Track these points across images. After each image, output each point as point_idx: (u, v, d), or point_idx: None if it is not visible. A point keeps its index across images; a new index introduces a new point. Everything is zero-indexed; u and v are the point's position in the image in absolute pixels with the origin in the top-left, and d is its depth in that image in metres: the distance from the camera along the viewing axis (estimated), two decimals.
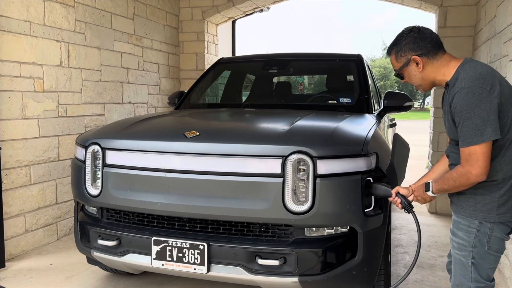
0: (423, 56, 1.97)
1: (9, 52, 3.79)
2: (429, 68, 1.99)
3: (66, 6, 4.42)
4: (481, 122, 1.76)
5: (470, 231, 1.93)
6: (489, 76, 1.83)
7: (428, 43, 1.97)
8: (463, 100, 1.79)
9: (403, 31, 2.05)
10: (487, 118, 1.76)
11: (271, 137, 2.50)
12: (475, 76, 1.82)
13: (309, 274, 2.30)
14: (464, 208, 1.95)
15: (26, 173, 4.00)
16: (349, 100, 3.81)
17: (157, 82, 6.30)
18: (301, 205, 2.27)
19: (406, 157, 3.60)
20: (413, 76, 2.04)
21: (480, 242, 1.91)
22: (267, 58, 4.47)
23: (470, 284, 1.96)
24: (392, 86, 46.31)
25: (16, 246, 3.93)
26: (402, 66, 2.04)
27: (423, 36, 1.99)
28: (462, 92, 1.80)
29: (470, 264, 1.94)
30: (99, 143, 2.71)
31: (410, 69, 2.03)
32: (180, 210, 2.45)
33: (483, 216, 1.90)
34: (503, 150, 1.86)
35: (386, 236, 2.64)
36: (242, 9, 7.08)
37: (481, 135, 1.76)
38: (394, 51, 2.06)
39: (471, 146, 1.79)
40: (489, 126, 1.76)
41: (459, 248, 1.98)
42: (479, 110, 1.77)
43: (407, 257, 3.97)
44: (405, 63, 2.02)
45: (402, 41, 2.02)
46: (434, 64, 1.98)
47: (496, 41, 4.10)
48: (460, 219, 1.97)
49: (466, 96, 1.79)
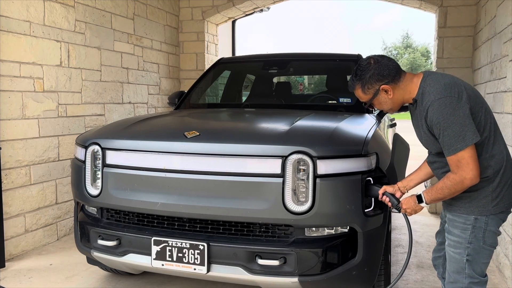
0: (391, 83, 2.02)
1: (9, 52, 3.79)
2: (397, 92, 2.04)
3: (66, 6, 4.42)
4: (460, 128, 1.83)
5: (466, 227, 1.98)
6: (453, 85, 1.90)
7: (391, 70, 2.02)
8: (437, 111, 1.85)
9: (360, 63, 2.08)
10: (464, 123, 1.83)
11: (271, 137, 2.50)
12: (441, 87, 1.88)
13: (309, 274, 2.30)
14: (459, 206, 2.00)
15: (26, 173, 4.00)
16: (349, 100, 3.81)
17: (157, 82, 6.30)
18: (301, 205, 2.27)
19: (406, 157, 3.59)
20: (383, 103, 2.09)
21: (476, 237, 1.96)
22: (267, 58, 4.47)
23: (464, 280, 2.00)
24: None
25: (16, 246, 3.93)
26: (372, 98, 2.07)
27: (384, 64, 2.02)
28: (434, 104, 1.86)
29: (465, 261, 1.99)
30: (99, 143, 2.71)
31: (380, 98, 2.07)
32: (180, 210, 2.45)
33: (479, 211, 1.95)
34: (485, 147, 1.94)
35: (386, 236, 2.64)
36: (242, 9, 7.08)
37: (463, 140, 1.83)
38: (359, 85, 2.08)
39: (458, 153, 1.84)
40: (468, 130, 1.83)
41: (455, 245, 2.02)
42: (454, 118, 1.83)
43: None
44: (374, 94, 2.05)
45: (366, 74, 2.04)
46: (400, 87, 2.03)
47: (496, 41, 4.10)
48: (455, 217, 2.02)
49: (439, 107, 1.85)
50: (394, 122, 4.76)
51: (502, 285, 3.36)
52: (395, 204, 2.25)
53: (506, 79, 3.54)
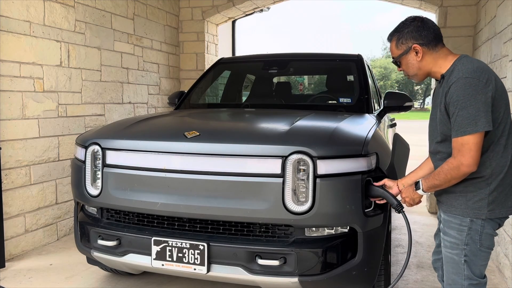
0: (424, 46, 1.99)
1: (9, 52, 3.79)
2: (427, 58, 2.01)
3: (66, 6, 4.42)
4: (476, 112, 1.79)
5: (461, 229, 1.95)
6: (485, 70, 1.86)
7: (430, 34, 1.99)
8: (460, 89, 1.81)
9: (407, 19, 2.06)
10: (482, 109, 1.80)
11: (271, 137, 2.50)
12: (473, 69, 1.85)
13: (309, 274, 2.30)
14: (455, 206, 1.97)
15: (26, 173, 4.00)
16: (349, 100, 3.81)
17: (157, 82, 6.30)
18: (301, 205, 2.27)
19: (406, 157, 3.60)
20: (410, 64, 2.05)
21: (472, 240, 1.94)
22: (267, 58, 4.47)
23: (464, 282, 1.98)
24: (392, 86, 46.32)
25: (16, 246, 3.93)
26: (402, 54, 2.05)
27: (426, 26, 2.00)
28: (459, 82, 1.83)
29: (463, 262, 1.96)
30: (99, 143, 2.71)
31: (408, 58, 2.04)
32: (180, 210, 2.45)
33: (474, 213, 1.92)
34: (493, 145, 1.90)
35: (386, 236, 2.64)
36: (242, 9, 7.08)
37: (475, 125, 1.79)
38: (395, 38, 2.07)
39: (464, 136, 1.81)
40: (483, 117, 1.80)
41: (452, 246, 1.99)
42: (474, 101, 1.79)
43: None
44: (405, 51, 2.03)
45: (405, 29, 2.03)
46: (432, 55, 2.00)
47: (496, 41, 4.10)
48: (451, 218, 1.99)
49: (463, 86, 1.81)
50: (394, 122, 4.76)
51: (502, 285, 3.36)
52: (395, 204, 2.26)
53: (506, 79, 3.54)
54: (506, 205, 1.94)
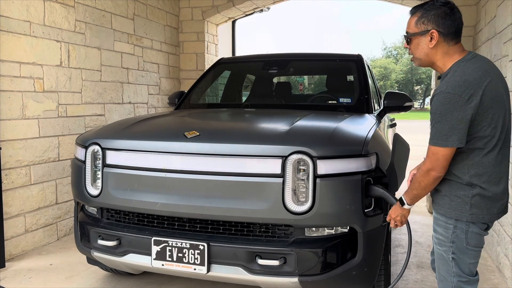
0: (441, 36, 1.93)
1: (9, 52, 3.79)
2: (439, 49, 1.95)
3: (66, 6, 4.42)
4: (449, 129, 1.81)
5: (447, 227, 1.97)
6: (473, 84, 1.82)
7: (453, 26, 1.93)
8: (439, 103, 1.83)
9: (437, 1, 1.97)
10: (456, 126, 1.81)
11: (271, 137, 2.50)
12: (459, 83, 1.82)
13: (309, 274, 2.30)
14: (441, 205, 1.99)
15: (26, 173, 4.00)
16: (349, 100, 3.81)
17: (157, 82, 6.30)
18: (301, 205, 2.27)
19: (406, 157, 3.59)
20: (420, 47, 1.98)
21: (458, 238, 1.94)
22: (267, 58, 4.47)
23: (453, 279, 1.99)
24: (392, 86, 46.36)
25: (16, 246, 3.93)
26: (417, 33, 1.97)
27: (453, 16, 1.93)
28: (440, 96, 1.83)
29: (451, 259, 1.97)
30: (99, 143, 2.71)
31: (421, 40, 1.97)
32: (180, 210, 2.45)
33: (456, 214, 1.94)
34: (472, 154, 1.89)
35: (386, 236, 2.65)
36: (242, 9, 7.08)
37: (446, 140, 1.83)
38: (418, 14, 1.97)
39: (435, 146, 1.86)
40: (456, 134, 1.81)
41: (440, 243, 2.02)
42: (450, 117, 1.80)
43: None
44: (422, 32, 1.95)
45: (433, 10, 1.94)
46: (444, 48, 1.95)
47: (496, 41, 4.10)
48: (438, 216, 2.02)
49: (443, 100, 1.82)
50: (394, 122, 4.76)
51: (502, 285, 3.36)
52: (395, 204, 2.25)
53: (506, 79, 3.54)
54: (491, 211, 1.92)
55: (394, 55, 51.43)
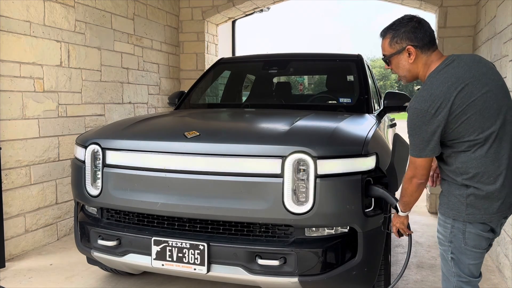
0: (418, 49, 1.96)
1: (9, 52, 3.79)
2: (419, 61, 1.98)
3: (66, 6, 4.42)
4: (421, 142, 1.87)
5: (446, 226, 1.98)
6: (439, 97, 1.82)
7: (426, 37, 1.96)
8: (409, 119, 1.89)
9: (403, 17, 2.02)
10: (427, 138, 1.86)
11: (271, 137, 2.50)
12: (425, 97, 1.84)
13: (309, 274, 2.30)
14: (441, 205, 2.02)
15: (26, 173, 4.00)
16: (349, 100, 3.81)
17: (157, 82, 6.30)
18: (301, 205, 2.27)
19: (406, 157, 3.59)
20: (401, 65, 2.02)
21: (456, 238, 1.94)
22: (267, 58, 4.47)
23: (453, 278, 1.99)
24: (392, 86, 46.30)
25: (16, 246, 3.93)
26: (394, 53, 2.01)
27: (422, 28, 1.97)
28: (410, 111, 1.89)
29: (450, 259, 1.98)
30: (99, 143, 2.71)
31: (400, 58, 2.00)
32: (180, 210, 2.45)
33: (453, 214, 1.94)
34: (459, 158, 1.89)
35: (386, 236, 2.65)
36: (242, 9, 7.08)
37: (420, 152, 1.90)
38: (389, 35, 2.01)
39: (412, 157, 1.94)
40: (428, 146, 1.87)
41: (440, 243, 2.04)
42: (420, 131, 1.86)
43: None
44: (399, 50, 1.99)
45: (401, 28, 1.98)
46: (423, 59, 1.98)
47: (496, 41, 4.10)
48: (439, 215, 2.05)
49: (412, 115, 1.88)
50: (394, 122, 4.76)
51: (502, 285, 3.36)
52: (395, 204, 2.26)
53: (506, 79, 3.54)
54: (489, 211, 1.89)
55: None
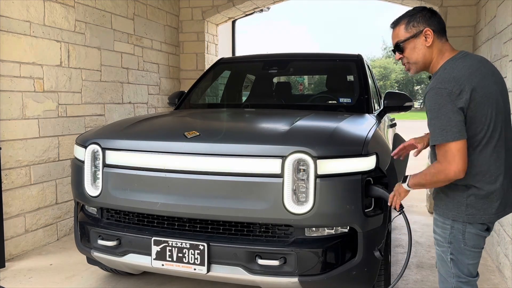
0: (435, 33, 1.97)
1: (9, 52, 3.79)
2: (434, 47, 1.97)
3: (66, 6, 4.42)
4: (447, 122, 1.80)
5: (445, 227, 1.97)
6: (462, 80, 1.82)
7: (440, 24, 2.00)
8: (432, 99, 1.84)
9: (415, 8, 2.04)
10: (454, 118, 1.79)
11: (271, 137, 2.50)
12: (448, 79, 1.83)
13: (309, 274, 2.30)
14: (438, 206, 2.00)
15: (26, 173, 4.00)
16: (349, 100, 3.81)
17: (157, 82, 6.30)
18: (301, 205, 2.27)
19: (406, 157, 3.59)
20: (417, 49, 1.99)
21: (455, 238, 1.94)
22: (267, 58, 4.47)
23: (452, 279, 1.98)
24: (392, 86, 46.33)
25: (16, 246, 3.93)
26: (411, 36, 1.98)
27: (435, 16, 2.01)
28: (432, 92, 1.85)
29: (449, 260, 1.97)
30: (99, 143, 2.71)
31: (416, 42, 1.98)
32: (180, 210, 2.45)
33: (453, 215, 1.93)
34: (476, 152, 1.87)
35: (386, 236, 2.64)
36: (242, 9, 7.08)
37: (445, 135, 1.80)
38: (405, 21, 2.01)
39: (446, 143, 1.81)
40: (455, 127, 1.79)
41: (438, 244, 2.02)
42: (446, 110, 1.80)
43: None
44: (416, 34, 1.97)
45: (417, 13, 1.99)
46: (438, 46, 1.98)
47: (496, 41, 4.10)
48: (436, 216, 2.02)
49: (434, 95, 1.83)
50: (394, 122, 4.76)
51: (502, 285, 3.36)
52: None
53: (506, 79, 3.54)
54: (489, 211, 1.90)
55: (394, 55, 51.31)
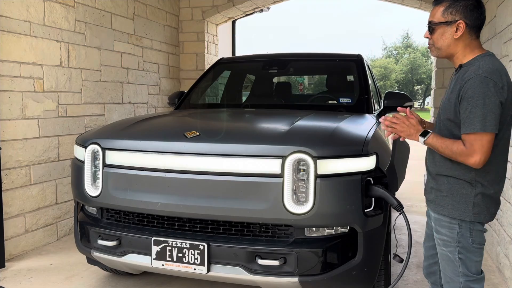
0: (468, 27, 1.92)
1: (9, 52, 3.79)
2: (461, 40, 1.94)
3: (66, 6, 4.42)
4: (488, 113, 1.77)
5: (452, 227, 1.96)
6: (504, 75, 1.84)
7: (479, 20, 1.94)
8: (476, 87, 1.79)
9: None
10: (493, 111, 1.78)
11: (271, 137, 2.50)
12: (493, 70, 1.82)
13: (309, 274, 2.30)
14: (443, 206, 1.98)
15: (26, 173, 4.00)
16: (349, 100, 3.81)
17: (157, 82, 6.30)
18: (301, 205, 2.27)
19: (406, 157, 3.60)
20: (444, 37, 1.95)
21: (464, 237, 1.94)
22: (267, 58, 4.47)
23: (460, 279, 1.98)
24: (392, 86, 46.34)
25: (16, 246, 3.93)
26: (444, 22, 1.94)
27: (479, 10, 1.93)
28: (477, 79, 1.79)
29: (458, 259, 1.97)
30: (99, 143, 2.71)
31: (446, 30, 1.94)
32: (180, 210, 2.45)
33: (460, 214, 1.93)
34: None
35: (386, 236, 2.64)
36: (242, 9, 7.08)
37: (484, 125, 1.78)
38: (446, 4, 1.94)
39: (478, 133, 1.78)
40: (495, 119, 1.78)
41: (445, 244, 2.00)
42: (488, 101, 1.77)
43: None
44: (449, 22, 1.93)
45: (461, 1, 1.92)
46: (467, 41, 1.94)
47: (496, 41, 4.10)
48: (440, 217, 2.00)
49: (480, 84, 1.78)
50: None
51: (502, 285, 3.36)
52: (395, 204, 2.27)
53: None
54: (490, 211, 1.94)
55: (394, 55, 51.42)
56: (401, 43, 50.75)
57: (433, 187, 2.03)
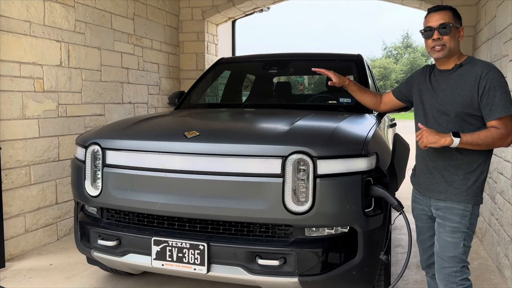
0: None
1: (9, 52, 3.79)
2: (459, 44, 2.24)
3: (66, 6, 4.42)
4: (510, 97, 2.04)
5: (465, 214, 2.11)
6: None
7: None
8: (499, 76, 2.05)
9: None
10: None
11: (271, 137, 2.50)
12: (494, 65, 2.12)
13: (309, 274, 2.30)
14: (457, 194, 2.12)
15: (26, 173, 4.00)
16: (349, 100, 3.80)
17: (157, 82, 6.30)
18: (301, 205, 2.27)
19: (406, 157, 3.59)
20: (454, 39, 2.18)
21: (471, 224, 2.13)
22: (267, 58, 4.47)
23: (458, 264, 2.12)
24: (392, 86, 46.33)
25: (16, 246, 3.93)
26: (457, 26, 2.19)
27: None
28: (496, 70, 2.06)
29: (462, 245, 2.11)
30: (99, 143, 2.71)
31: (456, 33, 2.19)
32: (180, 210, 2.45)
33: (473, 200, 2.11)
34: None
35: (386, 236, 2.64)
36: (242, 9, 7.08)
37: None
38: (451, 12, 2.21)
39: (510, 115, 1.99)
40: None
41: (452, 231, 2.12)
42: (508, 88, 2.06)
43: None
44: (459, 26, 2.21)
45: (457, 14, 2.24)
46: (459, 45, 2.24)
47: (496, 41, 4.10)
48: (454, 205, 2.13)
49: (499, 74, 2.06)
50: (394, 122, 4.76)
51: (502, 285, 3.36)
52: (395, 204, 2.27)
53: (506, 79, 3.53)
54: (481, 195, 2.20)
55: (394, 55, 51.41)
56: (401, 43, 50.73)
57: (443, 179, 2.16)
